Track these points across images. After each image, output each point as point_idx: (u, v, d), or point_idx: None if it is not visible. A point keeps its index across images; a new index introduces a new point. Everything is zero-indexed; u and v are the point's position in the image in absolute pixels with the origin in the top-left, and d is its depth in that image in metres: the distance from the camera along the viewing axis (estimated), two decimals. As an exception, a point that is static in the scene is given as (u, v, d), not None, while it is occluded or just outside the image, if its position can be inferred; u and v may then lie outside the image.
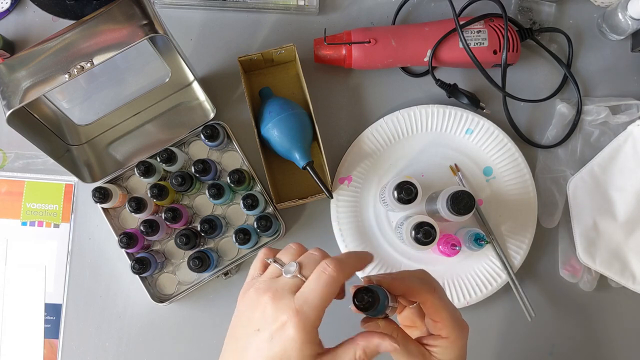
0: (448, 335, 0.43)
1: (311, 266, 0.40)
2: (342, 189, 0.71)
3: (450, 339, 0.43)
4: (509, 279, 0.69)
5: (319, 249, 0.42)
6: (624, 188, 0.71)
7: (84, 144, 0.72)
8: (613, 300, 0.72)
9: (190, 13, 0.75)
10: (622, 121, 0.72)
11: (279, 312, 0.38)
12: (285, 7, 0.74)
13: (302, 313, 0.37)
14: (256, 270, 0.44)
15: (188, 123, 0.72)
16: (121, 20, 0.56)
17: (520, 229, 0.70)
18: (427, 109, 0.72)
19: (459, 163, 0.72)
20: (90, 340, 0.70)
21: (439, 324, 0.44)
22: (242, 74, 0.70)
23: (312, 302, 0.37)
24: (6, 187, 0.73)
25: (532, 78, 0.75)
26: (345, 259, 0.41)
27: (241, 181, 0.67)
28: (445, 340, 0.43)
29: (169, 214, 0.66)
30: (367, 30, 0.70)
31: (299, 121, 0.68)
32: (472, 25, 0.70)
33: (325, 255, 0.41)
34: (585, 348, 0.72)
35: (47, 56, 0.55)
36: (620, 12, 0.70)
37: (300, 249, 0.43)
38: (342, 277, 0.39)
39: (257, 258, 0.45)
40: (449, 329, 0.43)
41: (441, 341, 0.44)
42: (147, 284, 0.70)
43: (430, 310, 0.44)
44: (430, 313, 0.44)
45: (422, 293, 0.43)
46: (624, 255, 0.70)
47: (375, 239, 0.71)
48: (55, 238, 0.72)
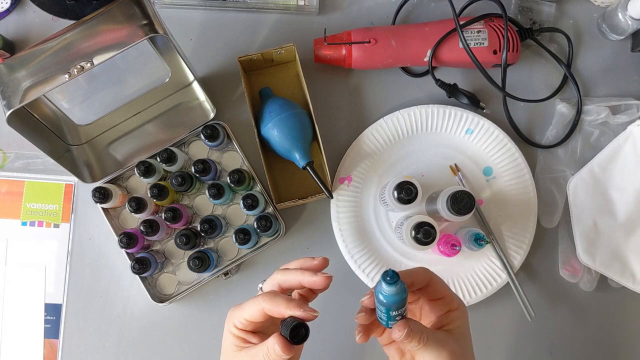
0: (458, 305, 0.48)
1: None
2: (342, 189, 0.71)
3: (461, 309, 0.48)
4: (509, 279, 0.69)
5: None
6: (624, 188, 0.71)
7: (84, 144, 0.72)
8: (613, 300, 0.72)
9: (190, 13, 0.75)
10: (622, 121, 0.72)
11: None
12: (285, 7, 0.74)
13: None
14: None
15: (188, 123, 0.72)
16: (121, 20, 0.56)
17: (520, 229, 0.70)
18: (427, 109, 0.72)
19: (459, 163, 0.72)
20: (90, 340, 0.70)
21: (446, 299, 0.47)
22: (242, 74, 0.70)
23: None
24: (6, 187, 0.73)
25: (532, 78, 0.75)
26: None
27: (241, 181, 0.67)
28: (457, 311, 0.47)
29: (169, 214, 0.66)
30: (367, 30, 0.70)
31: (299, 121, 0.68)
32: (472, 25, 0.70)
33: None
34: (585, 348, 0.72)
35: (47, 56, 0.55)
36: (620, 12, 0.70)
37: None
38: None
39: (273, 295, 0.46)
40: (456, 300, 0.48)
41: (454, 313, 0.47)
42: (147, 284, 0.70)
43: (436, 287, 0.47)
44: (436, 292, 0.48)
45: (423, 276, 0.47)
46: (624, 255, 0.70)
47: (375, 239, 0.71)
48: (55, 238, 0.72)
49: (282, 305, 0.43)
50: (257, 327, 0.46)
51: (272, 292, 0.44)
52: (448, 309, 0.47)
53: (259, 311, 0.44)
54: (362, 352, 0.71)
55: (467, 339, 0.48)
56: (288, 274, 0.46)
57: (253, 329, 0.46)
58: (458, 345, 0.45)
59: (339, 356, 0.71)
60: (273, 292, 0.45)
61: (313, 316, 0.42)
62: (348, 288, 0.69)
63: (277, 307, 0.43)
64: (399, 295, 0.41)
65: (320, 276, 0.45)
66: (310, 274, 0.45)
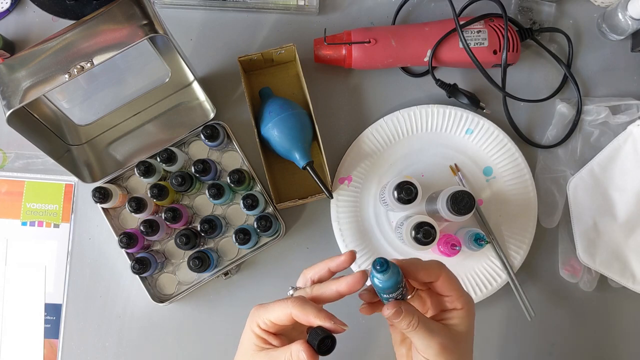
0: (463, 305, 0.47)
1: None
2: (342, 189, 0.71)
3: (465, 309, 0.47)
4: (509, 279, 0.69)
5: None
6: (624, 188, 0.71)
7: (84, 144, 0.72)
8: (613, 300, 0.72)
9: (190, 13, 0.75)
10: (622, 121, 0.72)
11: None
12: (285, 7, 0.74)
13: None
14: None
15: (188, 123, 0.72)
16: (121, 20, 0.56)
17: (520, 229, 0.70)
18: (427, 109, 0.72)
19: (459, 163, 0.72)
20: (90, 340, 0.70)
21: (453, 297, 0.47)
22: (242, 74, 0.70)
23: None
24: (6, 187, 0.73)
25: (532, 78, 0.75)
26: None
27: (241, 181, 0.67)
28: (461, 311, 0.47)
29: (169, 214, 0.66)
30: (367, 30, 0.70)
31: (299, 121, 0.68)
32: (472, 25, 0.70)
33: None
34: (585, 348, 0.72)
35: (47, 56, 0.55)
36: (620, 12, 0.70)
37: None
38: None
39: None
40: (462, 300, 0.47)
41: (458, 312, 0.47)
42: (147, 284, 0.70)
43: (445, 284, 0.47)
44: (444, 288, 0.47)
45: (436, 270, 0.47)
46: (624, 255, 0.70)
47: (375, 239, 0.71)
48: (55, 238, 0.72)
49: (311, 314, 0.42)
50: (280, 329, 0.45)
51: (302, 299, 0.44)
52: (452, 307, 0.48)
53: (286, 315, 0.43)
54: (362, 353, 0.71)
55: (466, 338, 0.48)
56: (315, 267, 0.47)
57: (275, 331, 0.46)
58: (452, 341, 0.46)
59: (339, 356, 0.71)
60: (303, 298, 0.44)
61: (342, 329, 0.42)
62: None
63: (306, 315, 0.43)
64: (391, 281, 0.43)
65: (344, 254, 0.47)
66: (334, 258, 0.47)
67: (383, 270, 0.43)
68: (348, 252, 0.47)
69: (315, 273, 0.47)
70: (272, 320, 0.44)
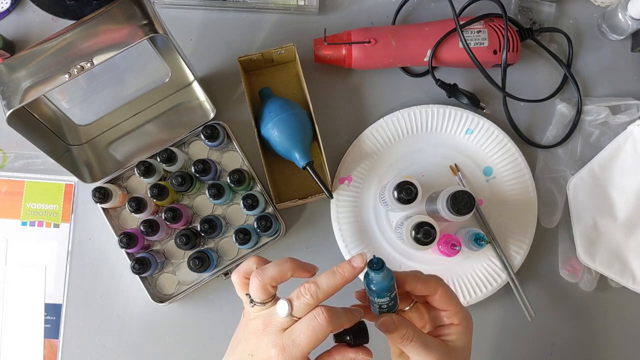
0: (460, 321, 0.47)
1: (303, 308, 0.43)
2: (342, 189, 0.71)
3: (463, 325, 0.47)
4: (509, 279, 0.69)
5: (314, 283, 0.44)
6: (624, 188, 0.71)
7: (84, 144, 0.72)
8: (613, 300, 0.72)
9: (190, 13, 0.75)
10: (622, 121, 0.72)
11: (269, 346, 0.42)
12: (285, 7, 0.74)
13: (287, 352, 0.41)
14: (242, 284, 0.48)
15: (188, 123, 0.72)
16: (121, 20, 0.56)
17: (520, 229, 0.70)
18: (427, 109, 0.72)
19: (459, 163, 0.72)
20: (90, 340, 0.70)
21: (450, 312, 0.47)
22: (242, 74, 0.70)
23: (298, 344, 0.41)
24: (6, 187, 0.73)
25: (532, 78, 0.75)
26: (338, 312, 0.43)
27: (241, 181, 0.67)
28: (459, 326, 0.47)
29: (169, 214, 0.66)
30: (367, 30, 0.70)
31: (299, 121, 0.68)
32: (472, 25, 0.70)
33: (317, 288, 0.43)
34: (585, 348, 0.72)
35: (47, 56, 0.55)
36: (620, 12, 0.70)
37: (283, 270, 0.46)
38: (330, 328, 0.42)
39: (252, 276, 0.47)
40: (460, 316, 0.47)
41: (455, 328, 0.47)
42: (147, 284, 0.70)
43: (442, 299, 0.47)
44: (441, 303, 0.47)
45: (434, 284, 0.47)
46: (624, 255, 0.70)
47: (375, 239, 0.71)
48: (55, 238, 0.72)
49: (345, 322, 0.44)
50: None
51: (331, 312, 0.43)
52: (449, 322, 0.47)
53: (324, 337, 0.43)
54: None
55: (463, 354, 0.47)
56: (275, 267, 0.48)
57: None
58: (448, 356, 0.45)
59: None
60: (331, 311, 0.43)
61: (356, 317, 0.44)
62: (347, 288, 0.69)
63: (341, 325, 0.43)
64: (384, 283, 0.44)
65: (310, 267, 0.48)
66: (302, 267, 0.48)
67: (379, 268, 0.43)
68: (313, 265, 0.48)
69: (279, 277, 0.46)
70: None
